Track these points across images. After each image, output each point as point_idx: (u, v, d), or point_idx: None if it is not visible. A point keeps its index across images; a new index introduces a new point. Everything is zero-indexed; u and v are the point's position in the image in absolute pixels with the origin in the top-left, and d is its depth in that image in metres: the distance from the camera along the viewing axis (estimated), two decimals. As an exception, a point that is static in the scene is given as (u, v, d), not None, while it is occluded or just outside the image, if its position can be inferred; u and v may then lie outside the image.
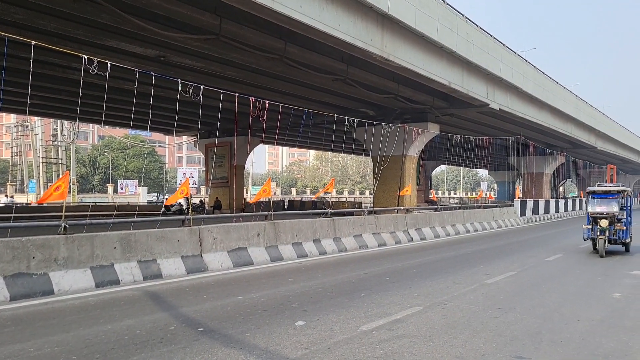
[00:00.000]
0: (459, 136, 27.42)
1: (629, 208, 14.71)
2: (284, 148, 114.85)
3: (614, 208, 13.81)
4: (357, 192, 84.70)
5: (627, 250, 14.71)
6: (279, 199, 43.88)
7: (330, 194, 24.45)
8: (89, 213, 16.72)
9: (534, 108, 30.53)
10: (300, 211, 20.56)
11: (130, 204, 32.73)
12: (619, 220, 13.94)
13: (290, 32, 15.53)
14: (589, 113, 40.87)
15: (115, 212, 15.97)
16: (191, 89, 10.88)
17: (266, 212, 12.16)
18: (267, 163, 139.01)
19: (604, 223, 13.58)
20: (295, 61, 17.97)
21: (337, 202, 37.07)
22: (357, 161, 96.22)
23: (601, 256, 13.43)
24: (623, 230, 13.81)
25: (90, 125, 70.11)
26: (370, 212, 16.80)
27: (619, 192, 14.31)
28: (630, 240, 14.71)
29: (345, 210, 16.68)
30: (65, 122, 40.86)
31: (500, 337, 6.06)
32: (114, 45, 16.72)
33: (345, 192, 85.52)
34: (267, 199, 12.96)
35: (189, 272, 9.57)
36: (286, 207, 33.71)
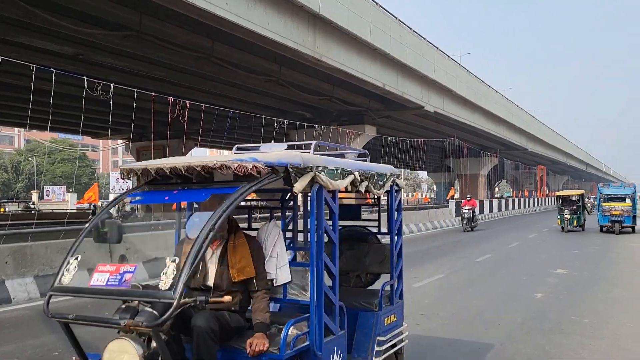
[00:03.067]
0: (394, 138, 27.60)
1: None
2: (225, 151, 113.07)
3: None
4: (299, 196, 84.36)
5: None
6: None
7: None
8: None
9: (467, 111, 31.25)
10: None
11: (54, 211, 30.89)
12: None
13: (217, 30, 14.95)
14: (520, 116, 42.45)
15: (8, 222, 14.71)
16: (99, 87, 10.12)
17: (188, 219, 11.47)
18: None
19: None
20: (224, 61, 17.36)
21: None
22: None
23: None
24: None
25: (16, 129, 66.13)
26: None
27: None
28: None
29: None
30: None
31: (419, 346, 5.78)
32: (26, 42, 15.49)
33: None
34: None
35: (97, 285, 8.80)
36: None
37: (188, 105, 12.65)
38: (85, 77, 10.01)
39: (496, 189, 78.85)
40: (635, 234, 21.32)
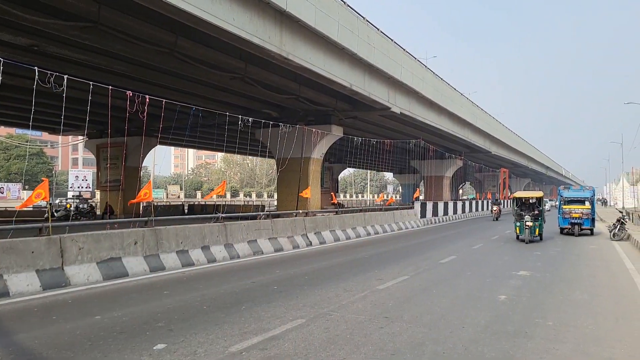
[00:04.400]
0: (360, 139, 27.54)
1: None
2: (191, 150, 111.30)
3: None
4: (265, 196, 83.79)
5: None
6: (181, 203, 42.05)
7: (224, 197, 23.25)
8: None
9: (433, 113, 31.49)
10: (192, 216, 19.36)
11: (7, 209, 29.64)
12: None
13: (181, 24, 14.54)
14: (485, 119, 43.14)
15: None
16: (51, 78, 9.58)
17: (146, 218, 11.05)
18: (173, 165, 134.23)
19: None
20: (188, 56, 16.94)
21: (230, 205, 36.10)
22: (267, 164, 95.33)
23: None
24: None
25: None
26: (268, 216, 16.11)
27: None
28: None
29: (240, 214, 15.81)
30: None
31: (382, 351, 5.60)
32: (-23, 30, 14.74)
33: (253, 195, 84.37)
34: (147, 202, 11.81)
35: (46, 288, 8.31)
36: (186, 211, 32.27)
37: (147, 100, 12.17)
38: (36, 68, 9.47)
39: (460, 191, 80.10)
40: (593, 236, 21.80)
